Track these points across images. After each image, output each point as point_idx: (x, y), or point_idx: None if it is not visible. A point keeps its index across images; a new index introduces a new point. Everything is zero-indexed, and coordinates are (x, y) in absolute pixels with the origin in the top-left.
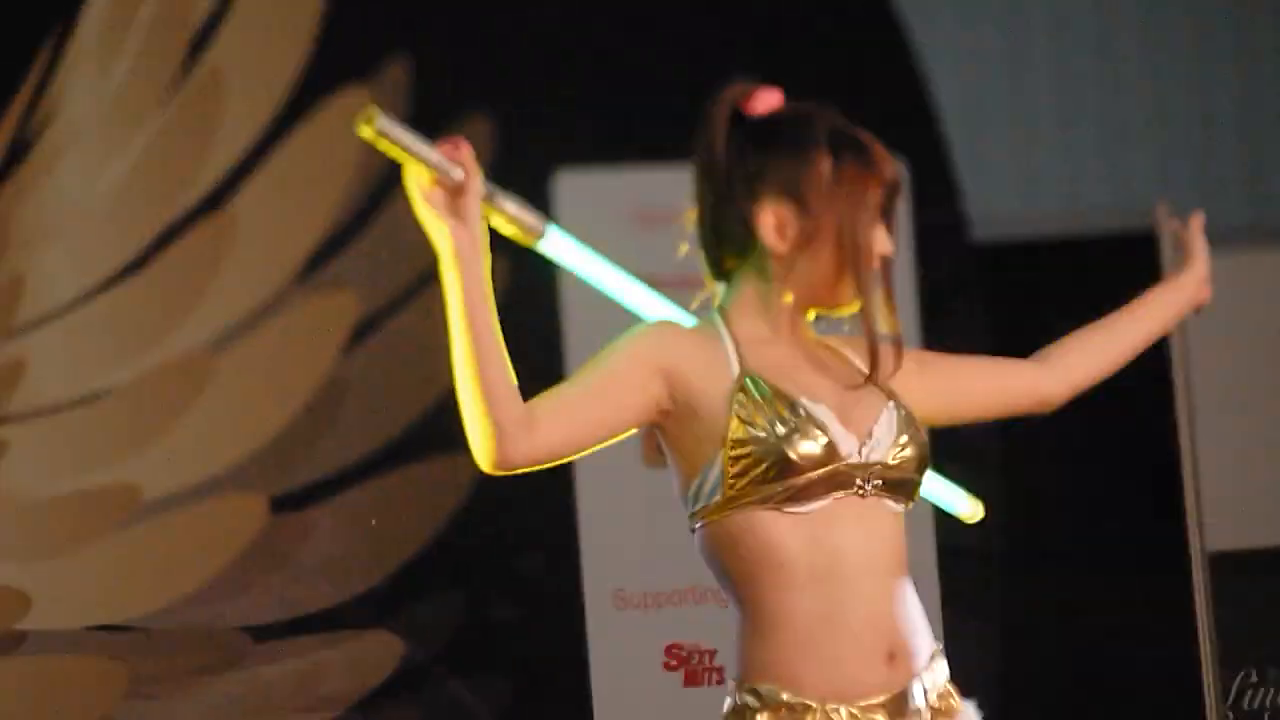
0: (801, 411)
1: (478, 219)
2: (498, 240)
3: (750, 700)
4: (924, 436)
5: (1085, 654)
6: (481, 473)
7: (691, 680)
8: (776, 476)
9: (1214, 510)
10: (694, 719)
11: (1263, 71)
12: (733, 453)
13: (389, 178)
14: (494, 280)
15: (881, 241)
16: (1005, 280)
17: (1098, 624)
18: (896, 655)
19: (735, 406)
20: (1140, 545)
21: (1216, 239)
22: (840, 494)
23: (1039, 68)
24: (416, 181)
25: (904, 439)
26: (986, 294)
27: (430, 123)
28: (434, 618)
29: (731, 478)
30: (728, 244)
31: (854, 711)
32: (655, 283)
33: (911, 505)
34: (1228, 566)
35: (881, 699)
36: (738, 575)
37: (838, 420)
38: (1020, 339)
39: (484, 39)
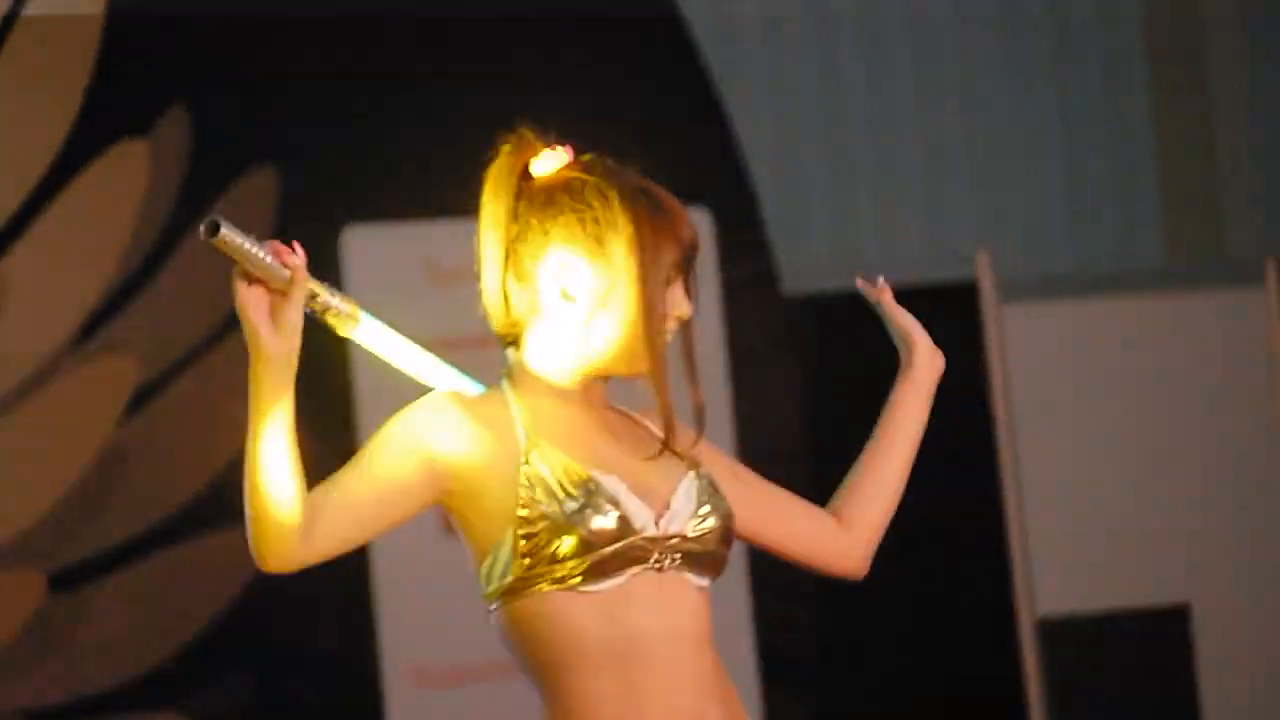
0: (592, 485)
1: (298, 326)
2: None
3: None
4: (728, 507)
5: None
6: None
7: None
8: (568, 555)
9: (1043, 575)
10: None
11: (1087, 121)
12: (521, 531)
13: (167, 237)
14: None
15: (677, 303)
16: (820, 334)
17: (924, 696)
18: None
19: (522, 482)
20: (968, 612)
21: (1039, 290)
22: (637, 569)
23: (855, 114)
24: (239, 279)
25: (705, 509)
26: (800, 349)
27: (212, 177)
28: (223, 699)
29: (522, 556)
30: (515, 306)
31: None
32: (447, 342)
33: (716, 578)
34: (1058, 632)
35: None
36: (534, 660)
37: (632, 492)
38: (836, 395)
39: (267, 91)
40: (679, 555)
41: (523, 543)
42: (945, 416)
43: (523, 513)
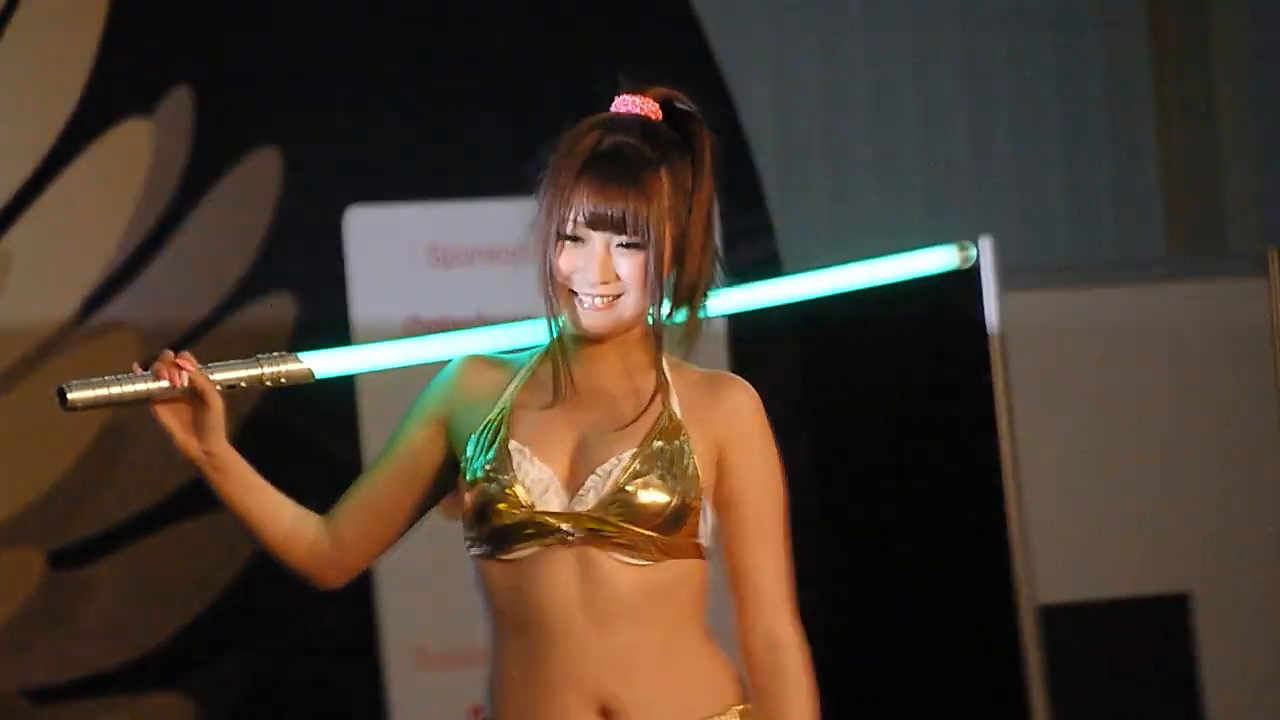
0: (504, 456)
1: (215, 425)
2: (291, 280)
3: None
4: (666, 491)
5: (914, 714)
6: None
7: None
8: (476, 522)
9: (1043, 562)
10: None
11: (1087, 109)
12: (463, 494)
13: (170, 216)
14: (281, 315)
15: (582, 265)
16: (819, 323)
17: (923, 684)
18: (614, 713)
19: (470, 447)
20: (967, 600)
21: (1040, 278)
22: (547, 541)
23: (856, 104)
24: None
25: (629, 488)
26: (799, 337)
27: (215, 157)
28: (224, 679)
29: (463, 520)
30: None
31: None
32: (449, 323)
33: (655, 559)
34: (1058, 620)
35: None
36: (485, 614)
37: (552, 467)
38: (834, 383)
39: (271, 71)
40: (586, 532)
41: (461, 507)
42: (946, 404)
43: (463, 475)
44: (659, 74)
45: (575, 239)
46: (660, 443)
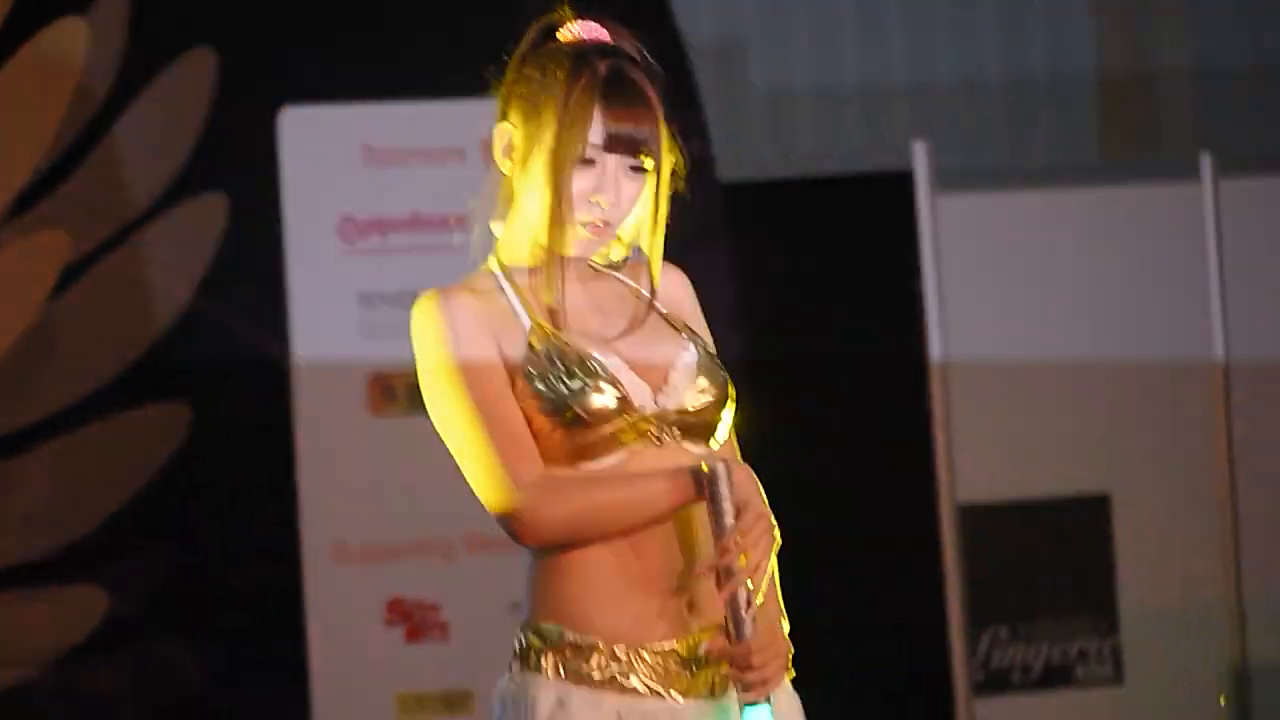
0: (593, 364)
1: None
2: (224, 180)
3: (534, 640)
4: (723, 374)
5: (833, 608)
6: (196, 420)
7: (414, 636)
8: (565, 436)
9: (964, 462)
10: (416, 675)
11: (1023, 13)
12: (546, 410)
13: (103, 115)
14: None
15: (598, 188)
16: (754, 221)
17: (844, 580)
18: (697, 603)
19: (527, 364)
20: (890, 497)
21: (975, 181)
22: (637, 446)
23: (795, 5)
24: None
25: (703, 382)
26: (733, 236)
27: (150, 56)
28: (143, 571)
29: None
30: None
31: (643, 653)
32: (381, 223)
33: (710, 445)
34: (977, 519)
35: (674, 644)
36: None
37: (631, 369)
38: (768, 280)
39: None
40: (678, 429)
41: (528, 423)
42: (876, 306)
43: (527, 393)
44: None
45: (589, 162)
46: (695, 339)
